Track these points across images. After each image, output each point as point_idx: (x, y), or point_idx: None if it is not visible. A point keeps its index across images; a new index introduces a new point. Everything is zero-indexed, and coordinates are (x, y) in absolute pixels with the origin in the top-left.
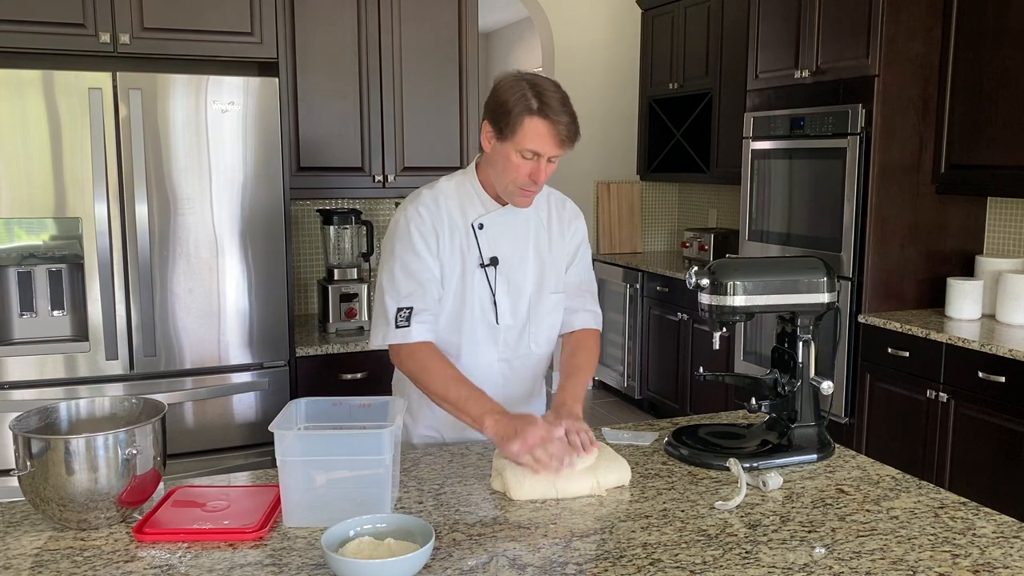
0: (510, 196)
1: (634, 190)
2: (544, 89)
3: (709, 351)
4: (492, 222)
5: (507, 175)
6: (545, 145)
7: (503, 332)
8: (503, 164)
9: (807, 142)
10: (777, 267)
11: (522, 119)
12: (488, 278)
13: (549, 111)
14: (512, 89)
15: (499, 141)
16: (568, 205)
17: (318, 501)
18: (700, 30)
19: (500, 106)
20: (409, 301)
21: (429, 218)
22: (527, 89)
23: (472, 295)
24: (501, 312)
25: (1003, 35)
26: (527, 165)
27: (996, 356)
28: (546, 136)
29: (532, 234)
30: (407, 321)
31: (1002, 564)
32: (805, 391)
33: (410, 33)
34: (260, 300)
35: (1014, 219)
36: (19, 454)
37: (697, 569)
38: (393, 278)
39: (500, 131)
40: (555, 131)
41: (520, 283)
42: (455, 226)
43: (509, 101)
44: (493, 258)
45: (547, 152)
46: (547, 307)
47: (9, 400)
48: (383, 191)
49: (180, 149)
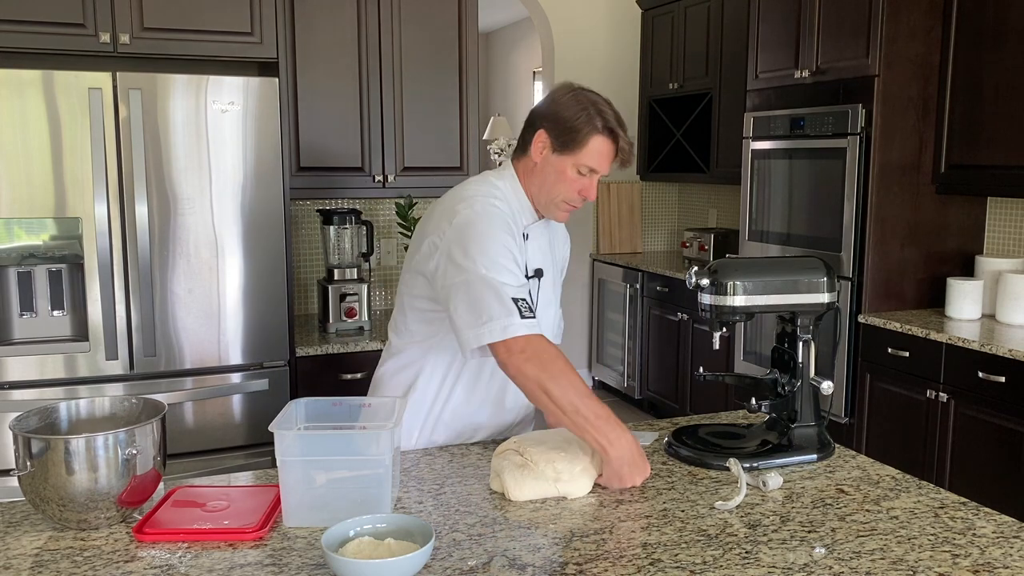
0: (551, 209)
1: (634, 190)
2: (607, 109)
3: (709, 351)
4: (535, 233)
5: (557, 188)
6: (604, 163)
7: None
8: (555, 177)
9: (807, 142)
10: (777, 267)
11: (590, 136)
12: (532, 290)
13: (617, 132)
14: (578, 103)
15: (556, 153)
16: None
17: (318, 501)
18: (700, 30)
19: (566, 120)
20: (523, 293)
21: (509, 212)
22: (590, 106)
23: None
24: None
25: (1003, 35)
26: (581, 181)
27: (996, 356)
28: (608, 155)
29: (549, 245)
30: (531, 311)
31: (1002, 564)
32: (805, 391)
33: (410, 33)
34: (260, 300)
35: (1014, 219)
36: (19, 454)
37: (697, 569)
38: (497, 266)
39: (562, 144)
40: (619, 151)
41: (549, 298)
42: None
43: (577, 116)
44: (538, 270)
45: (604, 170)
46: (557, 318)
47: (9, 400)
48: (383, 191)
49: (180, 149)
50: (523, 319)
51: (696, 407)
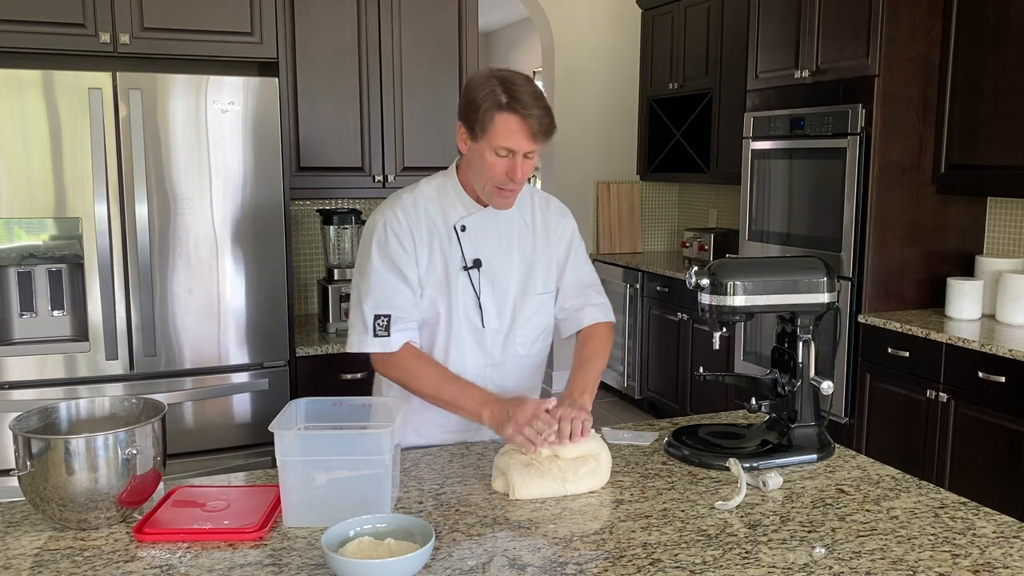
0: (489, 197)
1: (634, 190)
2: (514, 83)
3: (709, 351)
4: (474, 224)
5: (484, 175)
6: (518, 141)
7: (489, 336)
8: (479, 164)
9: (807, 142)
10: (777, 267)
11: (492, 115)
12: (472, 281)
13: (518, 105)
14: (481, 86)
15: (473, 141)
16: (553, 204)
17: (318, 501)
18: (700, 30)
19: (470, 104)
20: (387, 308)
21: (406, 221)
22: (496, 84)
23: (456, 298)
24: (487, 315)
25: (1003, 35)
26: (503, 163)
27: (996, 356)
28: (518, 132)
29: (516, 235)
30: (386, 330)
31: (1002, 564)
32: (805, 391)
33: (410, 33)
34: (260, 300)
35: (1014, 219)
36: (19, 454)
37: (697, 569)
38: (369, 283)
39: (472, 130)
40: (526, 125)
41: (504, 285)
42: (435, 229)
43: (478, 98)
44: (476, 260)
45: (521, 148)
46: (532, 308)
47: (9, 400)
48: (383, 191)
49: (180, 149)
50: (376, 337)
51: (696, 407)
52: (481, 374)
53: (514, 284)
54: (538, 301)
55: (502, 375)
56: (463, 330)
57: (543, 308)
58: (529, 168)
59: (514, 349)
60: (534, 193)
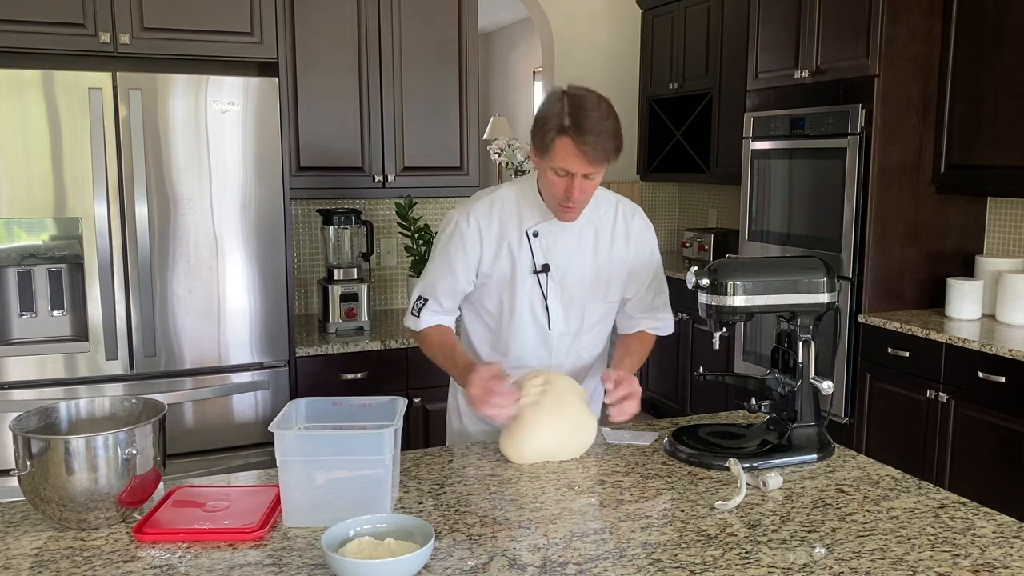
0: (553, 211)
1: (634, 190)
2: (581, 107)
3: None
4: (547, 230)
5: (547, 190)
6: (575, 164)
7: (555, 339)
8: (543, 180)
9: (807, 142)
10: (777, 267)
11: (553, 137)
12: (540, 284)
13: (575, 131)
14: (550, 106)
15: (539, 158)
16: (638, 216)
17: (318, 501)
18: (700, 30)
19: (537, 122)
20: (429, 293)
21: (476, 226)
22: (564, 106)
23: (523, 301)
24: (554, 319)
25: (1003, 35)
26: (561, 182)
27: (996, 356)
28: (575, 155)
29: (591, 243)
30: (419, 312)
31: (1002, 564)
32: (805, 391)
33: (410, 33)
34: (260, 300)
35: (1014, 219)
36: (19, 454)
37: (697, 569)
38: (427, 270)
39: (536, 148)
40: (581, 151)
41: (574, 291)
42: (507, 233)
43: (545, 118)
44: (545, 265)
45: (577, 171)
46: (598, 315)
47: (9, 400)
48: (383, 191)
49: (180, 149)
50: (411, 315)
51: (696, 407)
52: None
53: (585, 290)
54: (603, 310)
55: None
56: (528, 329)
57: (607, 317)
58: (590, 187)
59: (578, 352)
60: (619, 201)
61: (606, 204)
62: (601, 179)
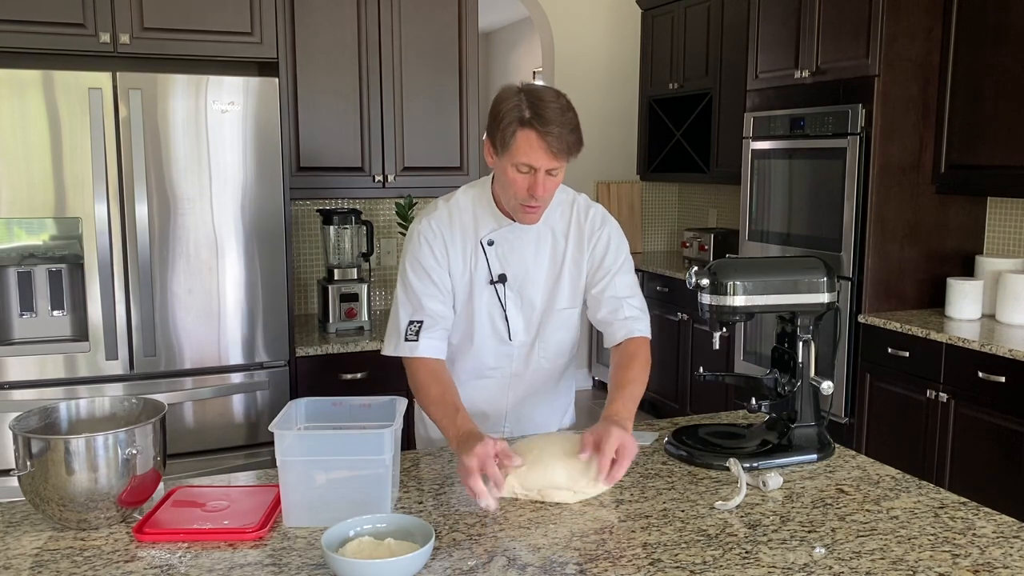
0: (514, 212)
1: (634, 190)
2: (539, 99)
3: (709, 351)
4: (502, 238)
5: (508, 190)
6: (538, 158)
7: (516, 348)
8: (503, 180)
9: (807, 142)
10: (777, 267)
11: (513, 131)
12: (498, 295)
13: (539, 122)
14: (507, 100)
15: (497, 156)
16: (592, 213)
17: (318, 501)
18: (700, 30)
19: (494, 118)
20: (420, 315)
21: (440, 232)
22: (522, 99)
23: (481, 312)
24: (514, 329)
25: (1003, 35)
26: (524, 179)
27: (996, 356)
28: (538, 148)
29: (548, 248)
30: (416, 336)
31: (1002, 564)
32: (805, 391)
33: (410, 33)
34: (260, 300)
35: (1014, 219)
36: (19, 454)
37: (697, 569)
38: (406, 290)
39: (495, 145)
40: (545, 143)
41: (532, 299)
42: (466, 241)
43: (502, 112)
44: (501, 275)
45: (541, 165)
46: (556, 323)
47: (9, 400)
48: (383, 191)
49: (180, 149)
50: (406, 341)
51: (696, 407)
52: (504, 384)
53: (545, 298)
54: (563, 316)
55: (526, 384)
56: (487, 340)
57: (568, 323)
58: (553, 185)
59: (538, 362)
60: (576, 201)
61: (562, 206)
62: (562, 178)
